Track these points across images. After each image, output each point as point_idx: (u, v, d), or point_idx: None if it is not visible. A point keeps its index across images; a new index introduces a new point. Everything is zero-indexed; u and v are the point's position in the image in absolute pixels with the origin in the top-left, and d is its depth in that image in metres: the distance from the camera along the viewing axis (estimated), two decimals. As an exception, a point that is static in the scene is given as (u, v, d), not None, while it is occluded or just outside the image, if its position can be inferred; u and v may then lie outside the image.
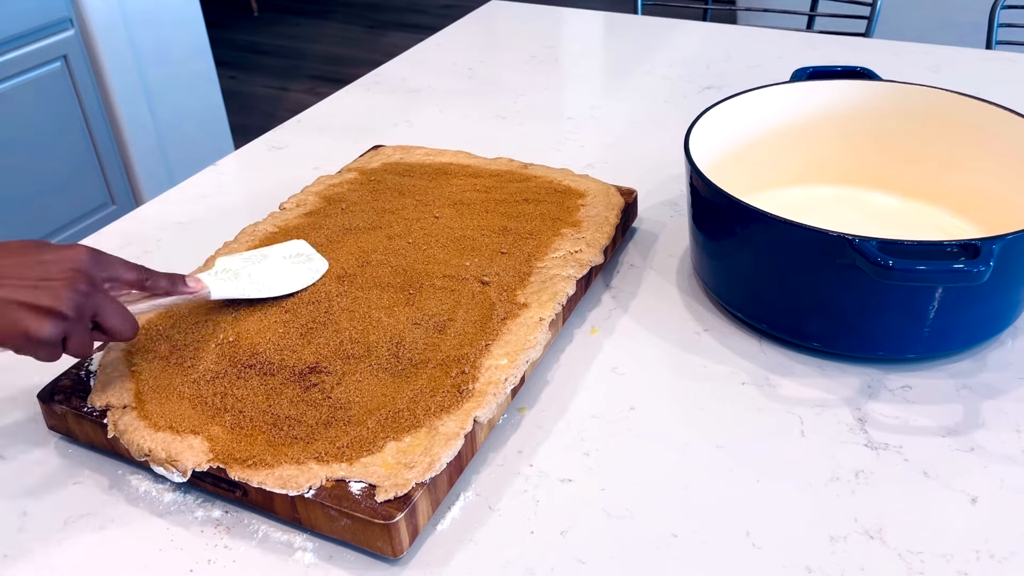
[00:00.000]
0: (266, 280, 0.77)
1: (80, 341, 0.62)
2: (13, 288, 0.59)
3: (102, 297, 0.63)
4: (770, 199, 0.87)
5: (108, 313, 0.63)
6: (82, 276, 0.61)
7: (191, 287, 0.71)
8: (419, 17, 4.20)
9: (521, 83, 1.33)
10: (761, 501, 0.63)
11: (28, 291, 0.59)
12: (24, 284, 0.59)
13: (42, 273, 0.60)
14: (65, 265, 0.61)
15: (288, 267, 0.79)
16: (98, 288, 0.62)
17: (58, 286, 0.60)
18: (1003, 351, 0.76)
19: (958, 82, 0.99)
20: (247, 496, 0.62)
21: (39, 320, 0.59)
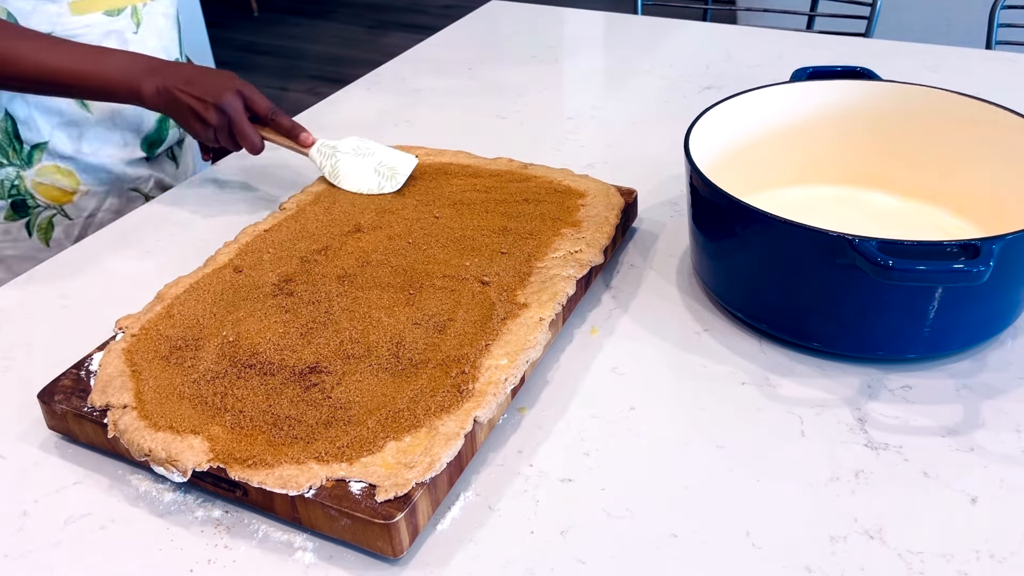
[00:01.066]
0: (343, 174, 0.96)
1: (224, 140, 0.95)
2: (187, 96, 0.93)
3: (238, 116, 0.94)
4: (770, 199, 0.86)
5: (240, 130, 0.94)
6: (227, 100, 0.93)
7: (303, 140, 0.98)
8: (419, 17, 4.20)
9: (521, 83, 1.33)
10: (761, 501, 0.63)
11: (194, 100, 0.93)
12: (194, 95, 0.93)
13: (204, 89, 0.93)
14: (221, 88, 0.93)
15: (370, 173, 0.95)
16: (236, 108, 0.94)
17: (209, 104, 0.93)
18: (1003, 351, 0.76)
19: (958, 82, 0.99)
20: (247, 496, 0.62)
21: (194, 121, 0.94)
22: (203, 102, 0.93)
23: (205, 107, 0.93)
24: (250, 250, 0.85)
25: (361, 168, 0.95)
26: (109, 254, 0.95)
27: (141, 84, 0.93)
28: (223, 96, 0.93)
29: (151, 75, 0.93)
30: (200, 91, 0.93)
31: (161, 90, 0.93)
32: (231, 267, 0.83)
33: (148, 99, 0.93)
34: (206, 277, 0.81)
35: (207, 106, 0.93)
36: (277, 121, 0.97)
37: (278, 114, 0.97)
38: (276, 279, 0.80)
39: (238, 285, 0.80)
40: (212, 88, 0.93)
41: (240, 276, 0.81)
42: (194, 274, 0.82)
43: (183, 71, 0.95)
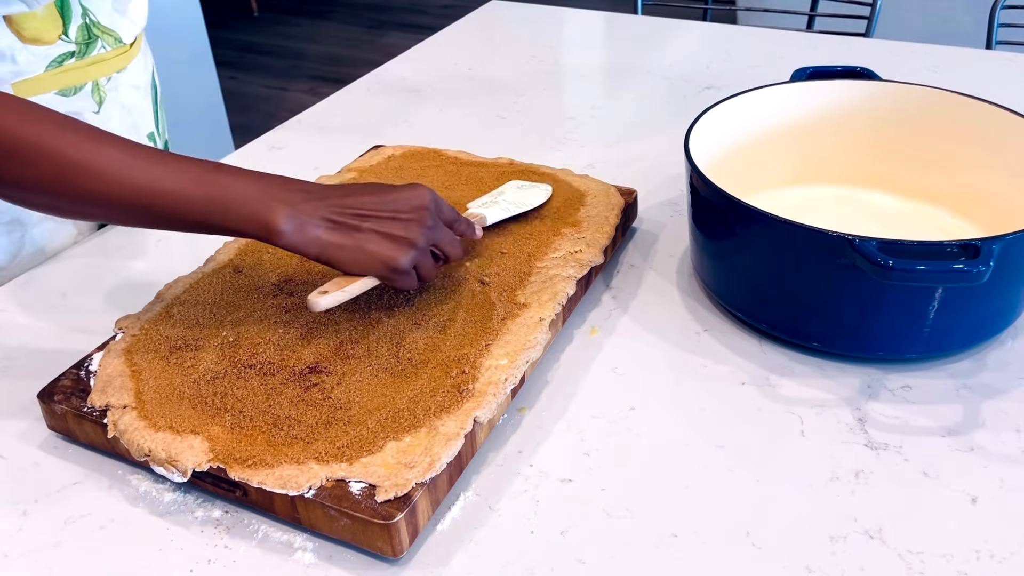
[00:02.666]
0: (516, 199, 0.88)
1: (428, 267, 0.72)
2: (376, 222, 0.68)
3: (440, 227, 0.72)
4: (770, 199, 0.87)
5: (446, 241, 0.73)
6: (427, 212, 0.70)
7: (478, 232, 0.80)
8: (419, 17, 4.21)
9: (521, 83, 1.33)
10: (761, 501, 0.63)
11: (389, 224, 0.68)
12: (384, 218, 0.69)
13: (395, 209, 0.69)
14: (413, 203, 0.70)
15: (523, 192, 0.90)
16: (438, 222, 0.72)
17: (413, 223, 0.69)
18: (1003, 351, 0.76)
19: (958, 82, 0.99)
20: (247, 496, 0.62)
21: (397, 250, 0.68)
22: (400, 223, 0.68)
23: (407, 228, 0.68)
24: (250, 250, 0.85)
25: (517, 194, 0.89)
26: (109, 254, 0.95)
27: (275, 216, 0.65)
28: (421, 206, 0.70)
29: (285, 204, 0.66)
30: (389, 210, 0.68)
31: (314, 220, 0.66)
32: (231, 267, 0.83)
33: (284, 237, 0.66)
34: (206, 277, 0.81)
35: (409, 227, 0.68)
36: (459, 228, 0.77)
37: (459, 219, 0.77)
38: (276, 279, 0.80)
39: (238, 285, 0.80)
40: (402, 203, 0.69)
41: (240, 276, 0.81)
42: (194, 274, 0.82)
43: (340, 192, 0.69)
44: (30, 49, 0.85)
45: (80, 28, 0.89)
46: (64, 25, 0.87)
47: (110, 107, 0.94)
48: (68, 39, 0.88)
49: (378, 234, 0.68)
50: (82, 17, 0.89)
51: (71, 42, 0.88)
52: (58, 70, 0.88)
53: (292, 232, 0.66)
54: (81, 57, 0.89)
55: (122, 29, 0.94)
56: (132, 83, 0.97)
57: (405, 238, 0.68)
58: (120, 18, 0.94)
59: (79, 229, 0.96)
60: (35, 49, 0.86)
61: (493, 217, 0.85)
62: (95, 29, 0.90)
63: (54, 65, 0.87)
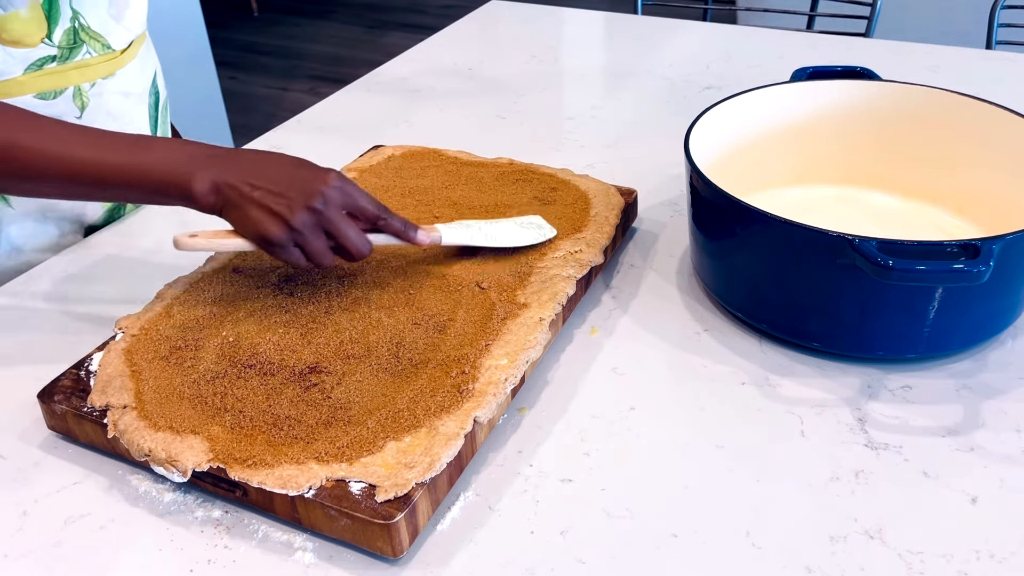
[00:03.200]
0: (495, 234, 0.82)
1: (315, 248, 0.71)
2: (264, 193, 0.70)
3: (337, 218, 0.71)
4: (770, 199, 0.87)
5: (342, 232, 0.71)
6: (320, 196, 0.70)
7: (421, 240, 0.77)
8: (419, 17, 4.21)
9: (521, 83, 1.33)
10: (761, 501, 0.63)
11: (273, 197, 0.70)
12: (272, 191, 0.70)
13: (289, 186, 0.70)
14: (308, 184, 0.70)
15: (518, 228, 0.83)
16: (333, 209, 0.71)
17: (296, 199, 0.70)
18: (1003, 351, 0.76)
19: (958, 82, 0.99)
20: (247, 496, 0.62)
21: (271, 223, 0.69)
22: (285, 198, 0.69)
23: (290, 204, 0.69)
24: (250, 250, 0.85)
25: (508, 229, 0.83)
26: (109, 254, 0.95)
27: (191, 176, 0.69)
28: (317, 190, 0.70)
29: (205, 164, 0.70)
30: (282, 184, 0.70)
31: (220, 186, 0.70)
32: (231, 267, 0.83)
33: (201, 198, 0.70)
34: (206, 277, 0.81)
35: (293, 203, 0.69)
36: (389, 224, 0.75)
37: (387, 214, 0.75)
38: (276, 279, 0.80)
39: (238, 285, 0.80)
40: (299, 181, 0.70)
41: (240, 276, 0.81)
42: (194, 274, 0.82)
43: (251, 156, 0.72)
44: (8, 51, 0.84)
45: (66, 32, 0.88)
46: (49, 28, 0.86)
47: (94, 112, 0.93)
48: (51, 43, 0.87)
49: (261, 205, 0.70)
50: (71, 21, 0.88)
51: (53, 46, 0.87)
52: (37, 73, 0.87)
53: (204, 195, 0.70)
54: (63, 61, 0.88)
55: (113, 35, 0.93)
56: (121, 90, 0.95)
57: (281, 214, 0.69)
58: (114, 24, 0.93)
59: (61, 231, 0.96)
60: (14, 51, 0.85)
61: (453, 238, 0.79)
62: (83, 34, 0.89)
63: (33, 68, 0.87)
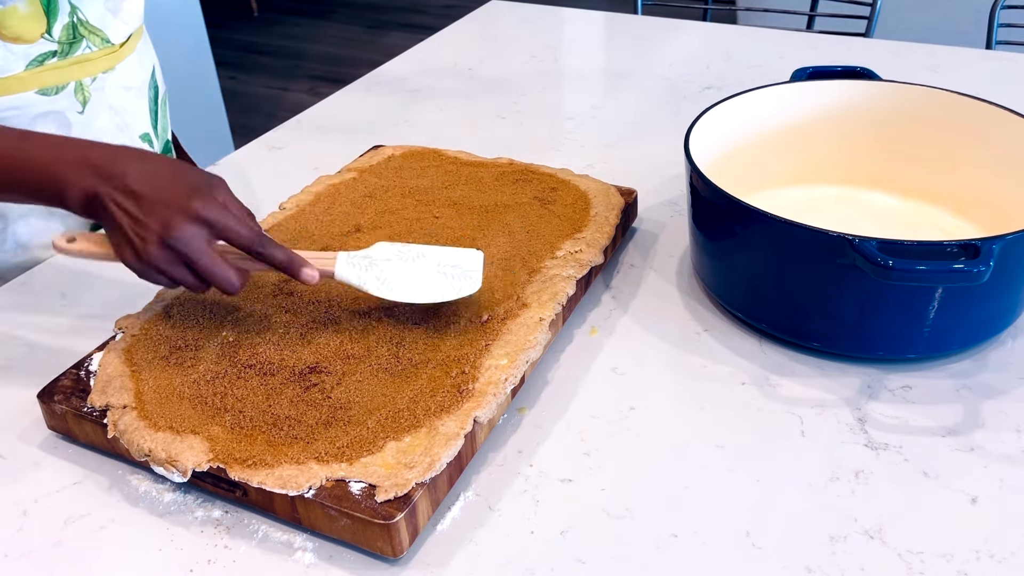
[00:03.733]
0: (397, 282, 0.72)
1: (181, 280, 0.67)
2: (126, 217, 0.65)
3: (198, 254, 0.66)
4: (770, 199, 0.87)
5: (203, 269, 0.67)
6: (179, 230, 0.65)
7: (306, 278, 0.70)
8: (419, 17, 4.21)
9: (521, 83, 1.33)
10: (761, 501, 0.63)
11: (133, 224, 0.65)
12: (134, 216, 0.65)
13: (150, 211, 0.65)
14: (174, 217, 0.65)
15: (433, 276, 0.73)
16: (195, 244, 0.66)
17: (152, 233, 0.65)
18: (1003, 351, 0.76)
19: (958, 82, 0.99)
20: (247, 496, 0.62)
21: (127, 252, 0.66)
22: (143, 227, 0.65)
23: (145, 236, 0.65)
24: (250, 250, 0.85)
25: (419, 274, 0.73)
26: (109, 254, 0.95)
27: (66, 183, 0.66)
28: (172, 227, 0.65)
29: (80, 171, 0.66)
30: (145, 209, 0.65)
31: (91, 196, 0.66)
32: (231, 267, 0.82)
33: (74, 205, 0.67)
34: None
35: (148, 235, 0.65)
36: (267, 256, 0.69)
37: (266, 246, 0.68)
38: (276, 279, 0.80)
39: (238, 285, 0.80)
40: (162, 207, 0.65)
41: (240, 276, 0.81)
42: (194, 274, 0.82)
43: (132, 169, 0.67)
44: (9, 47, 0.84)
45: (65, 27, 0.87)
46: (48, 23, 0.86)
47: (96, 107, 0.92)
48: (51, 38, 0.87)
49: (122, 230, 0.66)
50: (69, 15, 0.87)
51: (54, 41, 0.87)
52: (39, 69, 0.87)
53: (77, 205, 0.67)
54: (64, 57, 0.88)
55: (111, 29, 0.93)
56: (122, 84, 0.95)
57: (135, 246, 0.66)
58: (111, 18, 0.92)
59: (66, 227, 0.96)
60: (14, 47, 0.85)
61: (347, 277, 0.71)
62: (81, 28, 0.89)
63: (35, 64, 0.86)
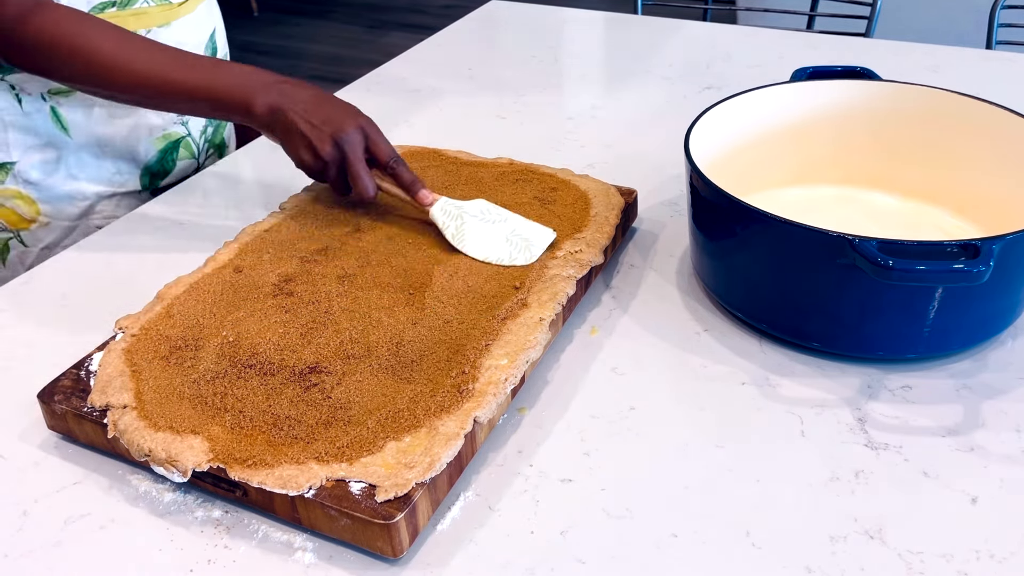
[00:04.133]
0: (469, 237, 0.84)
1: (335, 180, 0.87)
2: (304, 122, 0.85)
3: (355, 158, 0.85)
4: (770, 199, 0.86)
5: (354, 170, 0.85)
6: (346, 135, 0.84)
7: (420, 197, 0.86)
8: (419, 17, 4.20)
9: (521, 83, 1.33)
10: (761, 501, 0.63)
11: (310, 128, 0.84)
12: (314, 124, 0.85)
13: (324, 118, 0.85)
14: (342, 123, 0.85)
15: (501, 241, 0.83)
16: (354, 150, 0.85)
17: (327, 135, 0.84)
18: (1003, 351, 0.76)
19: (958, 82, 0.99)
20: (247, 496, 0.62)
21: (306, 152, 0.85)
22: (319, 131, 0.84)
23: (321, 137, 0.84)
24: (250, 250, 0.85)
25: (491, 235, 0.84)
26: (109, 254, 0.95)
27: (254, 98, 0.85)
28: (344, 129, 0.84)
29: (266, 90, 0.86)
30: (319, 118, 0.84)
31: (275, 109, 0.85)
32: (231, 267, 0.83)
33: (258, 116, 0.85)
34: (206, 277, 0.81)
35: (323, 136, 0.84)
36: (397, 172, 0.86)
37: (399, 163, 0.87)
38: (276, 279, 0.80)
39: (238, 285, 0.80)
40: (333, 118, 0.85)
41: (240, 276, 0.81)
42: (194, 274, 0.82)
43: (304, 93, 0.86)
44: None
45: None
46: None
47: None
48: None
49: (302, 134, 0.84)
50: None
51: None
52: (98, 15, 0.92)
53: (262, 115, 0.85)
54: (122, 7, 0.95)
55: None
56: (176, 40, 1.00)
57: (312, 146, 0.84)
58: None
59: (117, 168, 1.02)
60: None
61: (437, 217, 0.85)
62: None
63: (96, 10, 0.93)
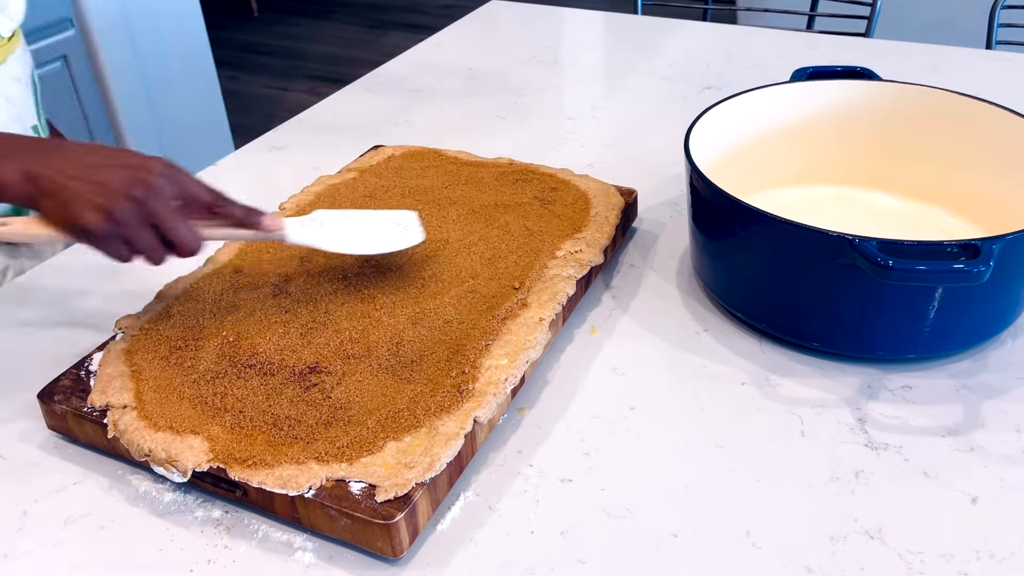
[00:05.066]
0: (350, 237, 0.72)
1: (142, 245, 0.66)
2: (82, 182, 0.64)
3: (164, 209, 0.65)
4: (770, 199, 0.87)
5: (169, 225, 0.66)
6: (146, 185, 0.65)
7: (266, 224, 0.70)
8: (419, 17, 4.20)
9: (521, 83, 1.33)
10: (761, 501, 0.63)
11: (91, 186, 0.64)
12: (91, 180, 0.65)
13: (111, 175, 0.65)
14: (135, 173, 0.65)
15: (379, 231, 0.73)
16: (161, 199, 0.65)
17: (119, 189, 0.64)
18: (1003, 351, 0.76)
19: (958, 82, 0.99)
20: (247, 496, 0.62)
21: (89, 213, 0.64)
22: (105, 185, 0.64)
23: (110, 191, 0.64)
24: (250, 250, 0.85)
25: (365, 230, 0.75)
26: (109, 254, 0.95)
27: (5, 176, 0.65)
28: (140, 176, 0.65)
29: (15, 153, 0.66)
30: (102, 172, 0.65)
31: (33, 174, 0.65)
32: (231, 267, 0.83)
33: (10, 186, 0.65)
34: (206, 277, 0.81)
35: (113, 194, 0.64)
36: (226, 210, 0.70)
37: (226, 202, 0.70)
38: (276, 279, 0.80)
39: (238, 285, 0.80)
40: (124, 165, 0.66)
41: (240, 276, 0.81)
42: (194, 274, 0.82)
43: (69, 149, 0.68)
44: None
45: None
46: None
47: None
48: None
49: (78, 195, 0.64)
50: None
51: None
52: None
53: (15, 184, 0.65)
54: None
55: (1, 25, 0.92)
56: (13, 76, 0.94)
57: (101, 204, 0.64)
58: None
59: None
60: None
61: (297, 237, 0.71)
62: None
63: None
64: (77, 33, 1.97)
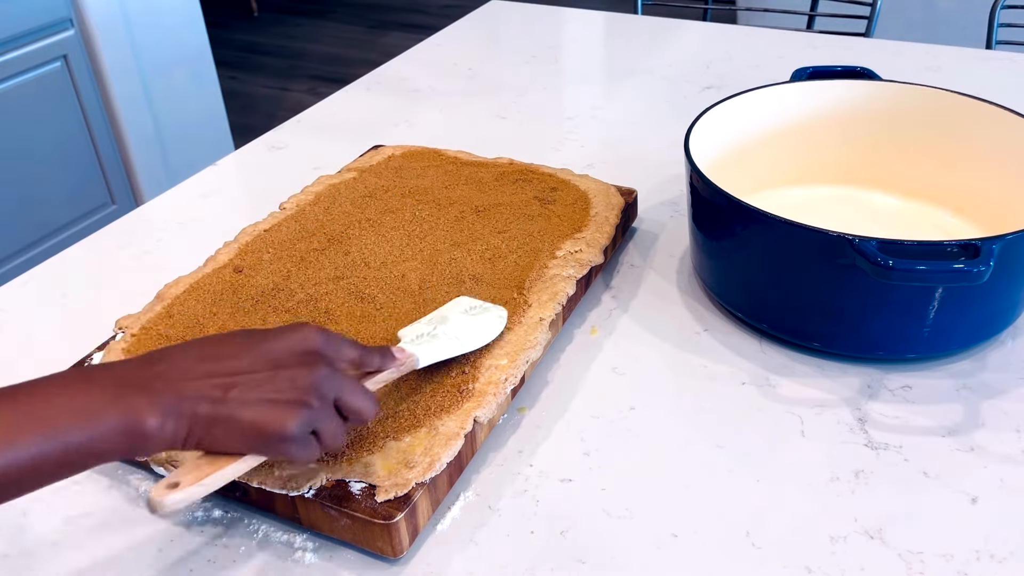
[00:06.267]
0: (461, 334, 0.69)
1: (332, 430, 0.54)
2: (247, 387, 0.52)
3: (340, 377, 0.55)
4: (770, 199, 0.87)
5: (349, 392, 0.55)
6: (319, 358, 0.55)
7: (399, 359, 0.62)
8: (419, 17, 4.20)
9: (521, 83, 1.33)
10: (761, 501, 0.63)
11: (261, 386, 0.52)
12: (258, 380, 0.52)
13: (274, 362, 0.53)
14: (298, 348, 0.54)
15: (472, 320, 0.72)
16: (335, 368, 0.55)
17: (298, 374, 0.53)
18: (1003, 351, 0.76)
19: (958, 82, 0.99)
20: (247, 496, 0.62)
21: (284, 414, 0.51)
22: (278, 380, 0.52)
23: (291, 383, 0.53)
24: (250, 250, 0.85)
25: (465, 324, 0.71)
26: (109, 254, 0.95)
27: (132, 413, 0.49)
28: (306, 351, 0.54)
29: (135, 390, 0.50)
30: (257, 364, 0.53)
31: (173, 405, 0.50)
32: (231, 267, 0.83)
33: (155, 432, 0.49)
34: (206, 277, 0.81)
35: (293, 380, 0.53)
36: (369, 362, 0.60)
37: (370, 354, 0.60)
38: (276, 279, 0.80)
39: (238, 285, 0.80)
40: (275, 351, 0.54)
41: (240, 276, 0.81)
42: (194, 274, 0.82)
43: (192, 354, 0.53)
44: None
45: None
46: None
47: None
48: None
49: (252, 401, 0.51)
50: None
51: None
52: None
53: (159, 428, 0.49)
54: None
55: None
56: None
57: (292, 399, 0.52)
58: None
59: None
60: None
61: (428, 357, 0.66)
62: None
63: None
64: (77, 33, 1.97)
